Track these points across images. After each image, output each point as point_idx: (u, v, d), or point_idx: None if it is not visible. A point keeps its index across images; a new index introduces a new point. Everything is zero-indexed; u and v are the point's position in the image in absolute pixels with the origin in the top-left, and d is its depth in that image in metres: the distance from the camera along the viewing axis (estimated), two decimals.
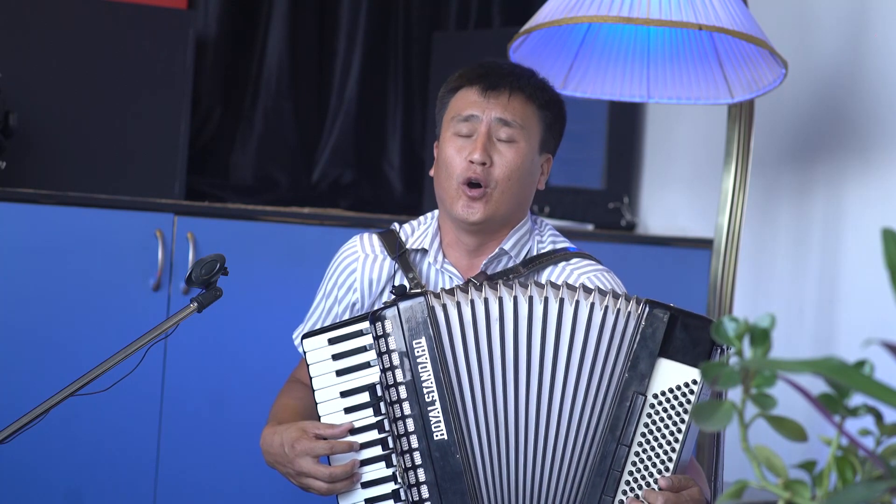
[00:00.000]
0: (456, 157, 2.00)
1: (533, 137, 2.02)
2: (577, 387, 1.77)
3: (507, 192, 1.99)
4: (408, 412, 1.80)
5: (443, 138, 2.05)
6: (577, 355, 1.77)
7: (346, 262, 2.11)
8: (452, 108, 2.05)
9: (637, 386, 1.73)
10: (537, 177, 2.06)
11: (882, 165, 2.74)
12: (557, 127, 2.07)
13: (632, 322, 1.76)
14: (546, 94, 2.05)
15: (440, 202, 2.05)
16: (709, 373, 0.89)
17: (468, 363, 1.79)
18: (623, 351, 1.76)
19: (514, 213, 2.04)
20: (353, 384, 1.86)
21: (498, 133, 2.00)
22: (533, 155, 2.02)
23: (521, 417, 1.79)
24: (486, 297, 1.80)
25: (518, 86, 2.02)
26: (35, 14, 2.95)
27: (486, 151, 1.98)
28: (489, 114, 2.00)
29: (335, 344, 1.87)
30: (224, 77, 3.48)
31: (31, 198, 2.70)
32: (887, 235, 0.87)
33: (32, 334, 2.70)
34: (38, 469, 2.67)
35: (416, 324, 1.81)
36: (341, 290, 2.11)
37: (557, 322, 1.78)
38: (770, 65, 2.44)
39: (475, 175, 1.97)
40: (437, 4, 3.73)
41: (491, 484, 1.79)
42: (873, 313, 2.69)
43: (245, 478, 2.81)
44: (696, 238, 3.22)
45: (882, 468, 0.89)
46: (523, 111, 2.01)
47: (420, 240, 2.08)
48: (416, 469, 1.79)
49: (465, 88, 2.04)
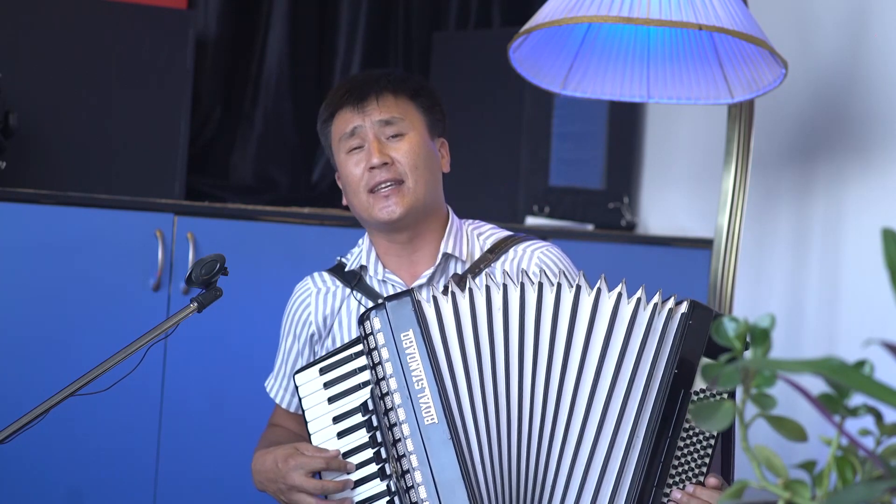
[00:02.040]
0: (356, 171, 2.06)
1: (418, 125, 2.08)
2: (580, 370, 1.79)
3: (420, 181, 2.04)
4: (402, 419, 1.80)
5: (339, 162, 2.10)
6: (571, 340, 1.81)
7: (301, 299, 2.16)
8: (335, 133, 2.11)
9: (683, 383, 1.79)
10: (439, 161, 2.12)
11: (882, 165, 2.74)
12: (437, 109, 2.14)
13: (675, 320, 1.81)
14: (411, 84, 2.12)
15: (362, 220, 2.10)
16: (709, 373, 0.89)
17: (459, 350, 1.81)
18: (669, 348, 1.80)
19: (432, 200, 2.08)
20: (346, 408, 1.88)
21: (385, 133, 2.06)
22: (425, 141, 2.08)
23: (524, 407, 1.79)
24: (470, 288, 1.83)
25: (381, 86, 2.09)
26: (35, 14, 2.94)
27: (383, 152, 2.04)
28: (369, 120, 2.06)
29: (326, 373, 1.89)
30: (224, 77, 3.48)
31: (31, 198, 2.70)
32: (887, 235, 0.86)
33: (32, 334, 2.70)
34: (38, 469, 2.67)
35: (404, 318, 1.83)
36: (298, 326, 2.15)
37: (572, 312, 1.81)
38: (770, 65, 2.44)
39: (381, 179, 2.03)
40: (437, 4, 3.73)
41: (489, 467, 1.78)
42: (873, 313, 2.69)
43: (245, 478, 2.80)
44: (696, 238, 3.22)
45: (882, 468, 0.89)
46: (397, 106, 2.08)
47: (356, 260, 2.13)
48: (413, 472, 1.79)
49: (338, 113, 2.11)
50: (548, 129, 3.33)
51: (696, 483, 1.78)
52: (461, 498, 1.76)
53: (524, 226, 3.22)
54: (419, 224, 2.07)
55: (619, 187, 3.45)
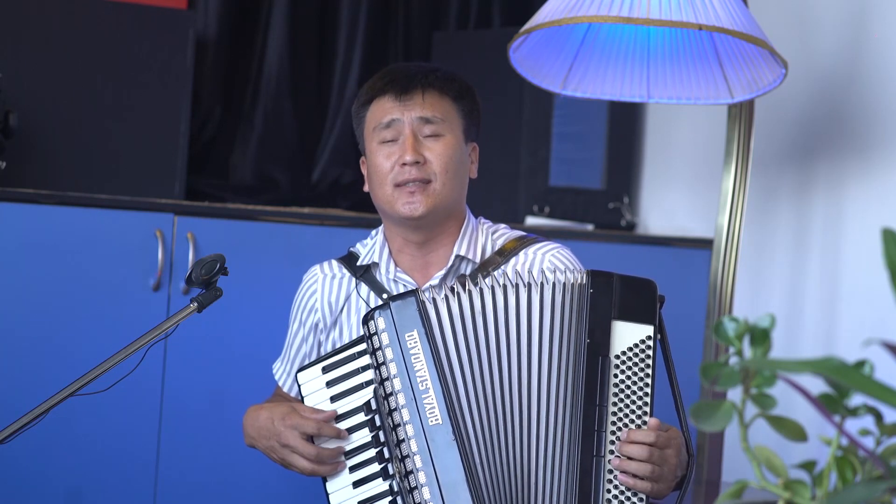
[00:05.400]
0: (386, 163, 2.03)
1: (456, 128, 2.06)
2: (549, 363, 1.83)
3: (448, 185, 2.03)
4: (406, 419, 1.81)
5: (369, 150, 2.07)
6: (542, 334, 1.84)
7: (308, 286, 2.16)
8: (371, 120, 2.07)
9: (600, 350, 1.82)
10: (468, 166, 2.11)
11: (882, 165, 2.74)
12: (475, 114, 2.12)
13: (583, 294, 1.84)
14: (457, 85, 2.09)
15: (381, 211, 2.08)
16: (709, 372, 0.89)
17: (458, 352, 1.83)
18: (581, 321, 1.83)
19: (455, 205, 2.07)
20: (348, 407, 1.88)
21: (422, 131, 2.03)
22: (460, 145, 2.06)
23: (506, 399, 1.83)
24: (469, 290, 1.85)
25: (429, 82, 2.05)
26: (35, 14, 2.94)
27: (417, 150, 2.01)
28: (409, 115, 2.03)
29: (329, 371, 1.89)
30: (224, 77, 3.48)
31: (31, 198, 2.70)
32: (887, 235, 0.87)
33: (32, 334, 2.70)
34: (38, 469, 2.67)
35: (408, 318, 1.84)
36: (304, 313, 2.15)
37: (528, 307, 1.85)
38: (770, 65, 2.44)
39: (410, 177, 2.00)
40: (437, 4, 3.73)
41: (488, 468, 1.80)
42: (873, 313, 2.69)
43: (245, 478, 2.81)
44: (696, 238, 3.22)
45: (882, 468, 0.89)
46: (441, 105, 2.05)
47: (369, 255, 2.11)
48: (417, 472, 1.80)
49: (377, 99, 2.07)
50: (548, 129, 3.33)
51: (638, 430, 1.79)
52: (465, 499, 1.77)
53: (524, 226, 3.22)
54: (437, 226, 2.06)
55: (619, 187, 3.45)
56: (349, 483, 1.87)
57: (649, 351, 1.82)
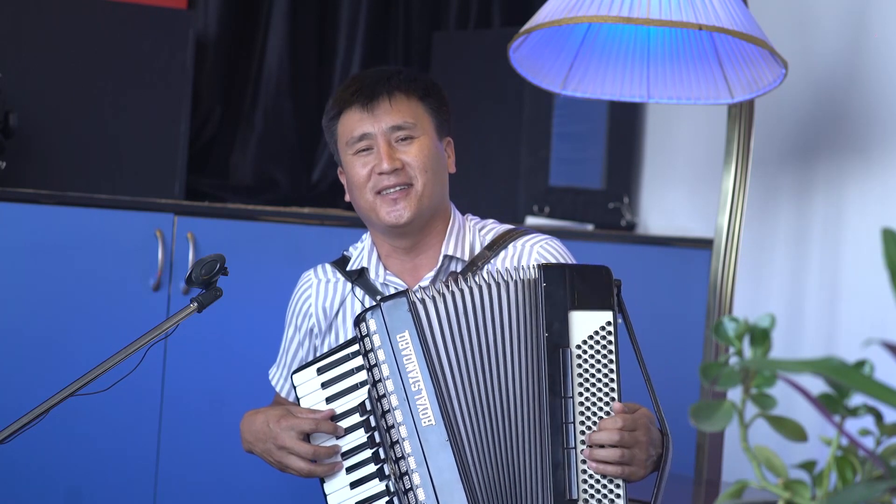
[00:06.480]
0: (363, 171, 2.03)
1: (428, 128, 2.06)
2: (518, 360, 1.84)
3: (429, 184, 2.03)
4: (400, 420, 1.81)
5: (345, 162, 2.08)
6: (511, 332, 1.85)
7: (302, 291, 2.16)
8: (342, 134, 2.07)
9: (560, 342, 1.82)
10: (446, 161, 2.10)
11: (882, 165, 2.74)
12: (444, 109, 2.11)
13: (537, 289, 1.84)
14: (422, 84, 2.09)
15: (366, 220, 2.08)
16: (709, 372, 0.89)
17: (447, 352, 1.84)
18: (539, 316, 1.84)
19: (439, 202, 2.07)
20: (343, 407, 1.88)
21: (395, 137, 2.03)
22: (435, 143, 2.06)
23: (491, 398, 1.83)
24: (452, 291, 1.86)
25: (393, 86, 2.05)
26: (35, 14, 2.94)
27: (393, 157, 2.01)
28: (379, 126, 2.03)
29: (324, 373, 1.90)
30: (224, 77, 3.48)
31: (31, 198, 2.70)
32: (887, 235, 0.87)
33: (32, 334, 2.70)
34: (38, 469, 2.67)
35: (399, 319, 1.84)
36: (299, 318, 2.16)
37: (499, 306, 1.86)
38: (770, 65, 2.44)
39: (390, 184, 2.00)
40: (437, 4, 3.73)
41: (481, 468, 1.82)
42: (873, 313, 2.69)
43: (245, 478, 2.81)
44: (696, 238, 3.22)
45: (882, 468, 0.89)
46: (409, 108, 2.05)
47: (358, 261, 2.11)
48: (411, 473, 1.80)
49: (346, 112, 2.06)
50: (548, 129, 3.33)
51: (606, 418, 1.79)
52: (459, 499, 1.78)
53: (524, 226, 3.22)
54: (423, 229, 2.06)
55: (619, 187, 3.45)
56: (346, 483, 1.87)
57: (610, 337, 1.82)
